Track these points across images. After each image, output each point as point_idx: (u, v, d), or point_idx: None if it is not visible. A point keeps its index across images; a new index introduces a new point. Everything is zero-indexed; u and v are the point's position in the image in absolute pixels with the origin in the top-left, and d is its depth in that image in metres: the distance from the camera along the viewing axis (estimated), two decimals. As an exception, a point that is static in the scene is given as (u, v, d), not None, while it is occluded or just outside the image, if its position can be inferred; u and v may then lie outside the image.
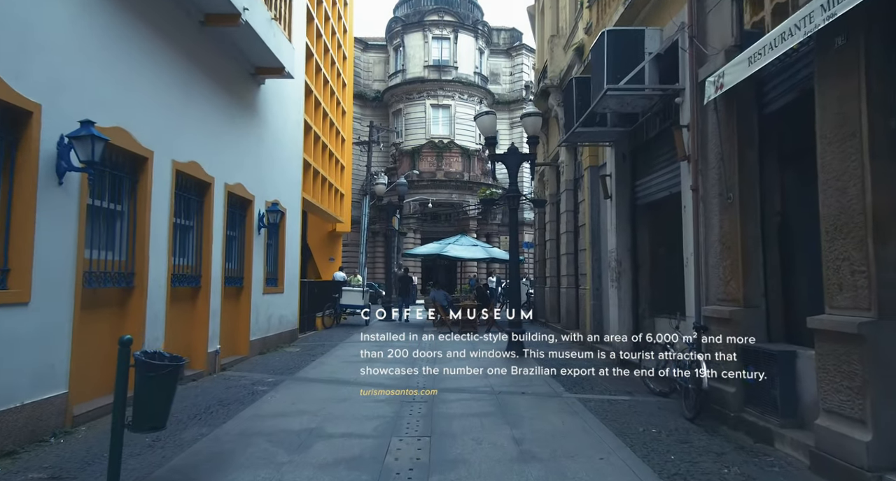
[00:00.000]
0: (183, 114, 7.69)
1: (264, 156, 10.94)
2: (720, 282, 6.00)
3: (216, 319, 8.66)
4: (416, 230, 36.23)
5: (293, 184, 12.98)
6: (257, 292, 10.50)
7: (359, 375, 8.88)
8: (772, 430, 4.96)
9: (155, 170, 6.87)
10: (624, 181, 9.55)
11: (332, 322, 16.32)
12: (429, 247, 18.73)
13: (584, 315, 11.71)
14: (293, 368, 9.28)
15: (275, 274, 11.85)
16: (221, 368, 8.82)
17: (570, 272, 13.82)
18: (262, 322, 10.83)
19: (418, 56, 39.63)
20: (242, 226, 10.09)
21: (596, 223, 11.27)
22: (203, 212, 8.45)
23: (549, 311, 16.02)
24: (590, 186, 11.36)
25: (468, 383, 8.16)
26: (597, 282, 11.17)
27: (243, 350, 9.96)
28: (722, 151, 5.93)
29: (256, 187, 10.37)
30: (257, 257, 10.50)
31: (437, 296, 16.58)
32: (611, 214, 9.76)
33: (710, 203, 6.20)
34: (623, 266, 9.45)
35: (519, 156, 11.06)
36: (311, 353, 11.02)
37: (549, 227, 16.27)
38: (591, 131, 8.92)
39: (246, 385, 7.83)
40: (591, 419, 6.04)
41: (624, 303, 9.39)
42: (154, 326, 6.87)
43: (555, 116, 14.30)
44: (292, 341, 12.69)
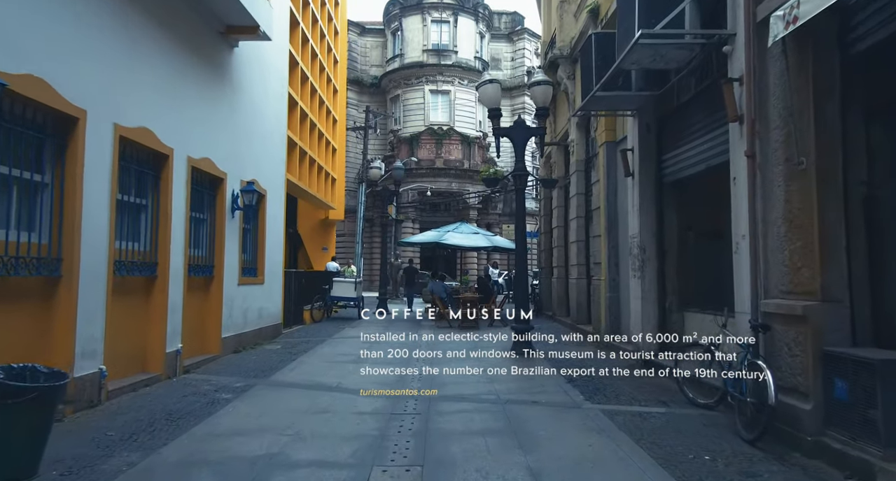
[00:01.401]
0: (129, 69, 6.44)
1: (239, 130, 9.69)
2: (786, 269, 4.79)
3: (177, 314, 7.45)
4: (414, 220, 34.99)
5: (275, 163, 11.74)
6: (231, 283, 9.28)
7: (343, 379, 7.71)
8: (872, 463, 3.76)
9: (89, 134, 5.63)
10: (648, 156, 8.32)
11: (321, 315, 15.12)
12: (426, 235, 17.53)
13: (598, 309, 10.52)
14: (269, 370, 8.08)
15: (253, 262, 10.64)
16: (184, 370, 7.62)
17: (580, 261, 12.61)
18: (238, 316, 9.62)
19: (417, 40, 38.26)
20: (212, 207, 8.86)
21: (612, 206, 10.05)
22: (159, 190, 7.22)
23: (557, 304, 14.82)
24: (606, 165, 10.12)
25: (470, 389, 6.98)
26: (613, 272, 9.96)
27: (213, 348, 8.76)
28: (791, 105, 4.70)
29: (229, 164, 9.13)
30: (231, 243, 9.28)
31: (436, 288, 15.39)
32: (633, 195, 8.54)
33: (772, 171, 4.98)
34: (647, 253, 8.24)
35: (527, 131, 9.82)
36: (293, 351, 9.82)
37: (556, 213, 15.04)
38: (612, 96, 7.67)
39: (207, 391, 6.63)
40: (623, 440, 4.84)
41: (648, 295, 8.18)
42: (88, 324, 5.65)
43: (564, 91, 13.04)
44: (274, 337, 11.49)
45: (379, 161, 20.02)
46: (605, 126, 10.08)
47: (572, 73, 12.68)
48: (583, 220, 12.58)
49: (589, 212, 12.26)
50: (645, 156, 8.33)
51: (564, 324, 13.70)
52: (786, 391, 4.58)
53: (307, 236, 20.38)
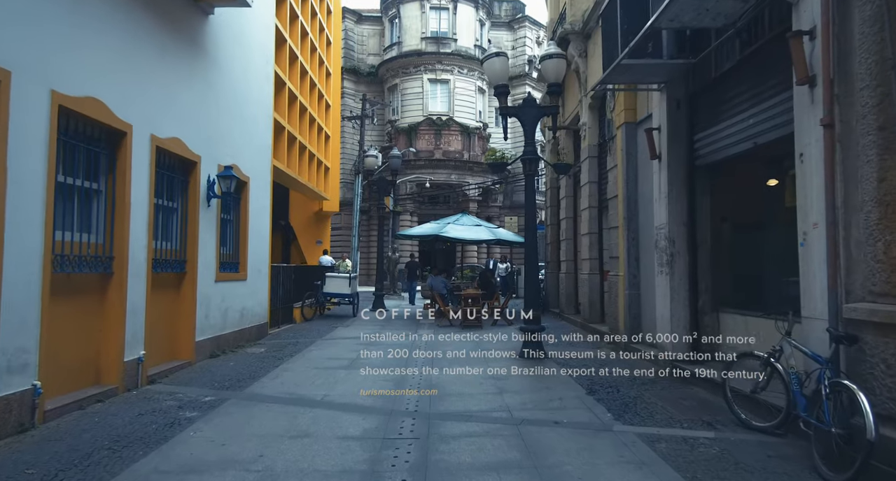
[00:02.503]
0: (74, 26, 5.42)
1: (217, 109, 8.67)
2: (880, 266, 3.80)
3: (138, 316, 6.46)
4: (412, 213, 34.04)
5: (260, 148, 10.71)
6: (207, 279, 8.28)
7: (331, 390, 6.73)
8: None
9: (15, 102, 4.62)
10: (678, 136, 7.32)
11: (312, 313, 14.13)
12: (425, 227, 16.51)
13: (614, 307, 9.54)
14: (247, 378, 7.09)
15: (235, 257, 9.63)
16: (148, 381, 6.64)
17: (592, 255, 11.62)
18: (216, 317, 8.63)
19: (415, 27, 37.18)
20: (183, 194, 7.85)
21: (633, 194, 9.05)
22: (116, 172, 6.20)
23: (565, 301, 13.84)
24: (625, 148, 9.11)
25: (477, 403, 6.00)
26: (633, 267, 8.98)
27: (186, 353, 7.77)
28: (894, 55, 3.70)
29: (204, 146, 8.12)
30: (206, 235, 8.28)
31: (436, 284, 14.41)
32: (659, 180, 7.54)
33: (859, 143, 3.98)
34: (677, 246, 7.25)
35: (537, 110, 8.80)
36: (278, 355, 8.84)
37: (564, 204, 14.04)
38: (640, 65, 6.65)
39: (169, 408, 5.64)
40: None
41: (678, 293, 7.20)
42: (16, 334, 4.65)
43: (574, 70, 12.01)
44: (259, 338, 10.50)
45: (375, 150, 18.95)
46: (624, 105, 9.07)
47: (584, 50, 11.65)
48: (595, 211, 11.59)
49: (603, 201, 11.27)
50: (675, 137, 7.33)
51: (574, 322, 12.73)
52: (885, 420, 3.59)
53: (300, 229, 19.36)
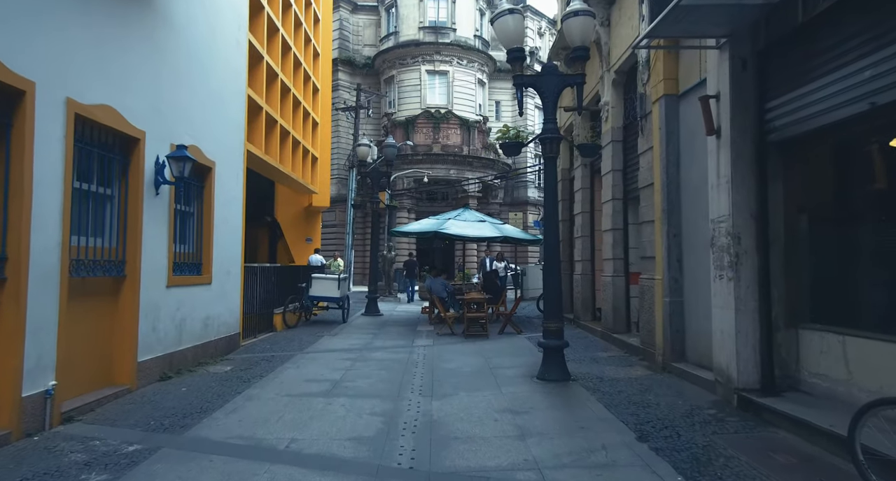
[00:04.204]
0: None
1: (169, 77, 7.11)
2: None
3: (45, 335, 4.90)
4: (409, 209, 32.50)
5: (230, 129, 9.15)
6: (155, 284, 6.73)
7: (301, 431, 5.14)
8: None
9: None
10: (744, 104, 5.78)
11: (296, 319, 12.57)
12: (423, 223, 14.97)
13: (649, 317, 8.01)
14: (195, 413, 5.54)
15: (196, 256, 8.08)
16: (62, 420, 5.09)
17: (616, 254, 10.10)
18: (167, 329, 7.07)
19: (413, 16, 35.65)
20: (122, 179, 6.29)
21: (674, 180, 7.51)
22: (10, 144, 4.64)
23: (581, 306, 12.31)
24: (664, 126, 7.58)
25: (492, 454, 4.43)
26: (674, 270, 7.44)
27: (124, 377, 6.22)
28: None
29: (149, 120, 6.56)
30: (154, 230, 6.72)
31: (435, 286, 12.89)
32: (718, 161, 6.00)
33: None
34: (743, 244, 5.71)
35: (559, 78, 7.26)
36: (246, 375, 7.29)
37: (579, 197, 12.50)
38: (708, 5, 5.07)
39: (71, 468, 4.08)
40: None
41: (745, 303, 5.66)
42: None
43: (595, 42, 10.46)
44: (229, 352, 8.95)
45: (367, 139, 17.39)
46: (663, 73, 7.53)
47: (606, 17, 10.12)
48: (620, 204, 10.06)
49: (630, 191, 9.74)
50: (740, 105, 5.79)
51: (592, 331, 11.20)
52: None
53: (289, 226, 17.79)
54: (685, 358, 7.28)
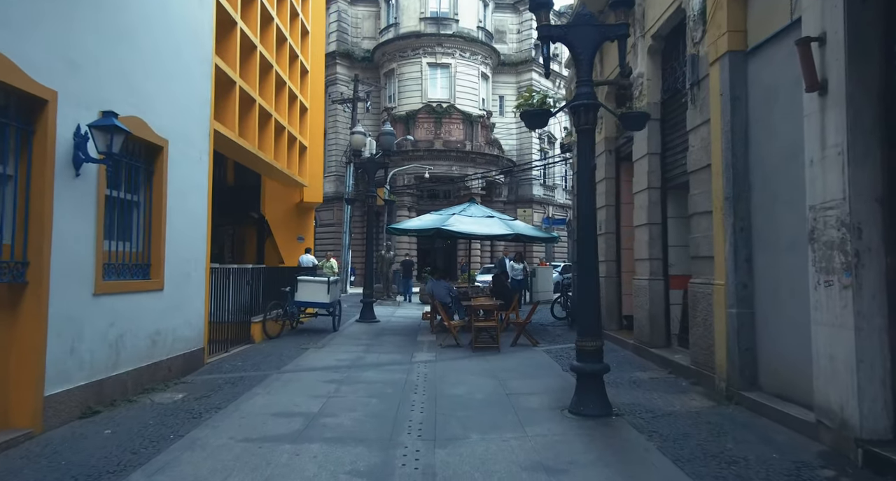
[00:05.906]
0: None
1: (91, 21, 5.53)
2: None
3: None
4: (410, 207, 30.94)
5: (191, 103, 7.57)
6: (74, 292, 5.15)
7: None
8: None
9: None
10: (864, 48, 4.21)
11: (279, 329, 10.99)
12: (425, 219, 13.40)
13: (705, 332, 6.43)
14: (105, 475, 3.96)
15: (143, 256, 6.51)
16: None
17: (652, 254, 8.53)
18: (94, 350, 5.49)
19: (413, 7, 34.07)
20: (22, 154, 4.72)
21: (741, 159, 5.93)
22: None
23: (606, 313, 10.72)
24: (728, 91, 5.99)
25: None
26: (743, 273, 5.85)
27: (23, 418, 4.65)
28: None
29: (63, 77, 4.99)
30: (72, 222, 5.14)
31: (437, 290, 11.33)
32: (824, 126, 4.42)
33: None
34: (866, 238, 4.13)
35: (596, 30, 5.68)
36: (199, 408, 5.71)
37: (602, 188, 10.91)
38: None
39: None
40: None
41: (869, 322, 4.08)
42: None
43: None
44: (189, 371, 7.37)
45: (362, 126, 15.83)
46: (728, 24, 5.94)
47: (641, -27, 8.54)
48: (657, 194, 8.48)
49: (672, 178, 8.17)
50: (858, 49, 4.20)
51: (622, 343, 9.63)
52: None
53: (278, 224, 16.23)
54: (758, 385, 5.69)
